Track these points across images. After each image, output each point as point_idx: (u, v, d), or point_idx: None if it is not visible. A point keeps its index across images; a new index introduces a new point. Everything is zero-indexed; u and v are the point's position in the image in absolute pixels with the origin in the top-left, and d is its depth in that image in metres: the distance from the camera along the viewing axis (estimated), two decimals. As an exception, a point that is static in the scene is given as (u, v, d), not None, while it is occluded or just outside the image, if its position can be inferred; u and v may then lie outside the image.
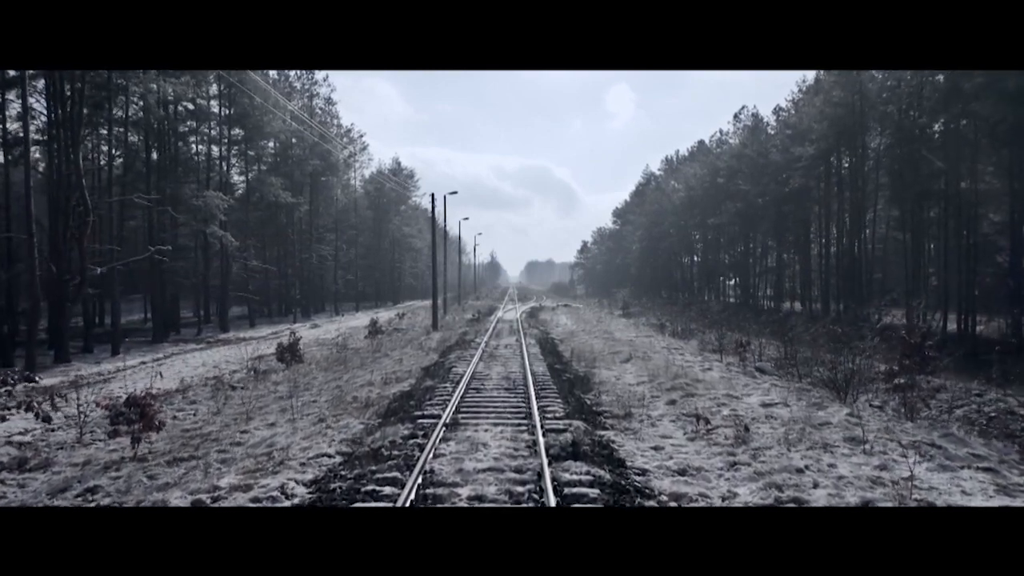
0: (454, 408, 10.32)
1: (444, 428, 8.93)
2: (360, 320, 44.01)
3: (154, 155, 33.07)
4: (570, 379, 14.80)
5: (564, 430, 8.95)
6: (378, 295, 75.28)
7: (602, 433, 9.16)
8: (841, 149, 36.68)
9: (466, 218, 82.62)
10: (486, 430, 9.04)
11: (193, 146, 37.97)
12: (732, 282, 66.98)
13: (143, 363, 23.73)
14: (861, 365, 15.97)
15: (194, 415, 14.16)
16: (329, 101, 54.59)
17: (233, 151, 43.29)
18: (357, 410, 11.28)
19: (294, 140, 49.00)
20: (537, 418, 9.31)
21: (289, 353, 22.30)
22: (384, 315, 50.28)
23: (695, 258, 73.08)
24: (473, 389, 12.64)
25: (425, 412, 10.24)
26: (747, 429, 9.28)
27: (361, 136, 64.57)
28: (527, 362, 16.21)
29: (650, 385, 14.24)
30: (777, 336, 26.56)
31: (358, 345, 29.29)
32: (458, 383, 13.00)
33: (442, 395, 11.91)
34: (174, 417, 14.08)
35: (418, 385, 13.57)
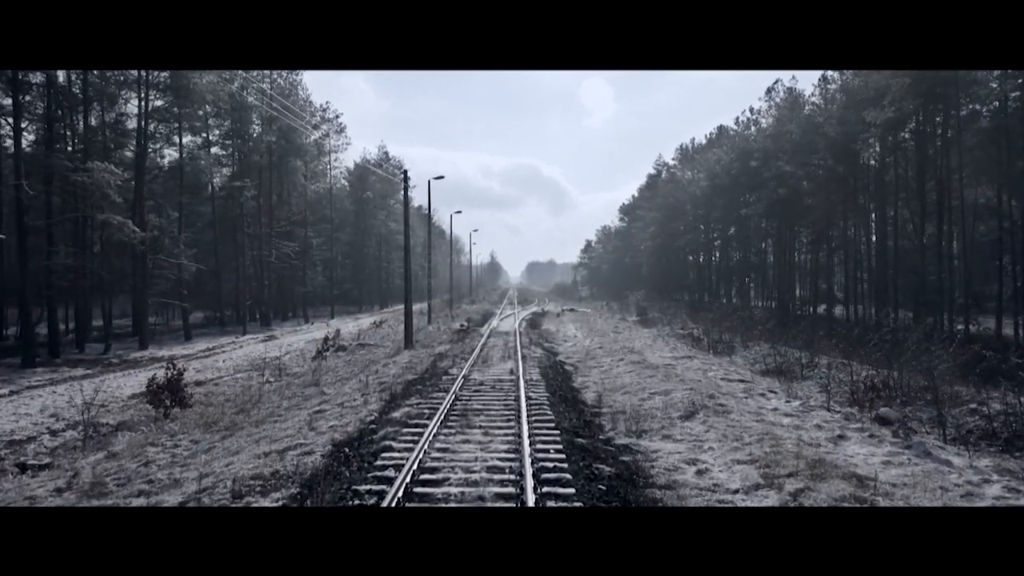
0: None
1: None
2: (330, 330, 36.58)
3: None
4: (611, 481, 7.40)
5: None
6: (364, 298, 67.70)
7: None
8: (922, 115, 29.11)
9: (459, 211, 75.60)
10: None
11: (102, 113, 30.31)
12: (748, 282, 59.58)
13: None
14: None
15: None
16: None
17: (173, 127, 35.92)
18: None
19: (255, 115, 41.51)
20: None
21: (168, 394, 14.91)
22: (358, 324, 42.72)
23: (715, 256, 65.44)
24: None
25: None
26: None
27: (337, 117, 55.95)
28: (525, 429, 8.86)
29: (778, 498, 6.87)
30: (858, 355, 19.45)
31: (298, 369, 21.90)
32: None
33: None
34: None
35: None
